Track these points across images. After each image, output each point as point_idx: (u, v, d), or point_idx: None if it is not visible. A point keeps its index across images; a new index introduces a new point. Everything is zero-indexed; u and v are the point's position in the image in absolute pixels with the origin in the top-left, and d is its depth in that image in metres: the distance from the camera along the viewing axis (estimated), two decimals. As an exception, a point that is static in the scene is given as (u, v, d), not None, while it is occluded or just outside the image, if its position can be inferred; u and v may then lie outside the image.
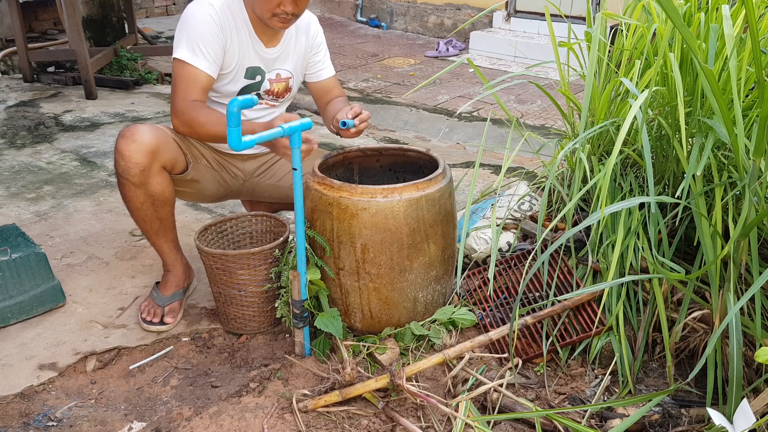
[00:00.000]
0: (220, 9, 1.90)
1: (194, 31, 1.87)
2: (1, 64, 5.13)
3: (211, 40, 1.87)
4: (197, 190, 2.08)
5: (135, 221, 2.00)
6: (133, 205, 1.93)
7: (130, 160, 1.85)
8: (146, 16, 7.42)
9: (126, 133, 1.88)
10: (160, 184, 1.91)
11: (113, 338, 1.99)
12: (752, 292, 1.32)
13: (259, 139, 1.55)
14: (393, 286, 1.82)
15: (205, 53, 1.87)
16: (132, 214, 1.97)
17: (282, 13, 1.86)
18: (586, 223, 1.52)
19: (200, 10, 1.89)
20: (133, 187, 1.88)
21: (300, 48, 2.10)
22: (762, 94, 1.38)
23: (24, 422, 1.68)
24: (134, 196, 1.91)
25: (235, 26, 1.93)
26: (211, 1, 1.91)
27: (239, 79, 2.00)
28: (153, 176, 1.89)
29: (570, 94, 2.10)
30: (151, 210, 1.94)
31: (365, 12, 7.30)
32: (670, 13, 1.34)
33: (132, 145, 1.85)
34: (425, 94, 4.74)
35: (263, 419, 1.65)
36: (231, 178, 2.16)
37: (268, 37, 2.00)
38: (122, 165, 1.86)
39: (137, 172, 1.86)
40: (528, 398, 1.68)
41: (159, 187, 1.91)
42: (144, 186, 1.88)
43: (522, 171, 2.54)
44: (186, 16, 1.90)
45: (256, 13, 1.90)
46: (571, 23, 2.19)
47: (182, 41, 1.88)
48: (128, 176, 1.86)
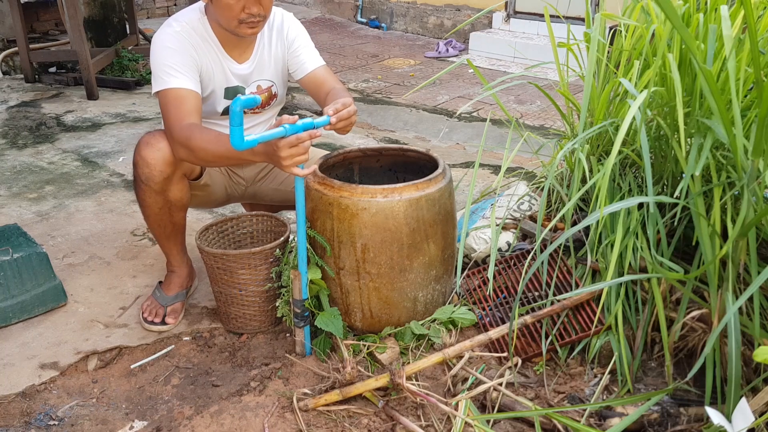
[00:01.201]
0: (185, 31, 1.86)
1: (165, 58, 1.81)
2: (3, 64, 5.14)
3: (185, 59, 1.82)
4: (207, 194, 2.08)
5: (148, 224, 2.01)
6: (151, 210, 1.94)
7: (155, 168, 1.83)
8: (147, 16, 7.43)
9: (150, 140, 1.84)
10: (180, 190, 1.92)
11: (114, 337, 2.00)
12: (751, 292, 1.32)
13: (261, 139, 1.55)
14: (393, 286, 1.83)
15: (183, 72, 1.81)
16: (147, 218, 1.98)
17: (248, 17, 1.79)
18: (585, 222, 1.52)
19: (166, 38, 1.84)
20: (153, 193, 1.88)
21: (276, 51, 2.03)
22: (760, 95, 1.39)
23: (25, 421, 1.68)
24: (154, 202, 1.91)
25: (203, 47, 1.88)
26: (174, 25, 1.86)
27: (219, 100, 1.97)
28: (174, 183, 1.89)
29: (569, 95, 2.11)
30: (167, 215, 1.96)
31: (365, 13, 7.31)
32: (669, 14, 1.35)
33: (157, 153, 1.82)
34: (425, 95, 4.74)
35: (264, 418, 1.66)
36: (234, 185, 2.17)
37: (239, 53, 1.95)
38: (146, 173, 1.84)
39: (161, 179, 1.85)
40: (527, 397, 1.69)
41: (179, 193, 1.92)
42: (164, 193, 1.89)
43: (521, 171, 2.55)
44: (154, 49, 1.85)
45: (222, 25, 1.85)
46: (570, 24, 2.19)
47: (157, 74, 1.82)
48: (151, 183, 1.86)
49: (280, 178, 2.20)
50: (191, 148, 1.74)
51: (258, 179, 2.20)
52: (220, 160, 1.76)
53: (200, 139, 1.73)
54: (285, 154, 1.58)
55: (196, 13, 1.90)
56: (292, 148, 1.58)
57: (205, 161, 1.83)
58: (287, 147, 1.57)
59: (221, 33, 1.90)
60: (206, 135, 1.74)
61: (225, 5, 1.78)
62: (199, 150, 1.74)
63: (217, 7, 1.81)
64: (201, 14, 1.90)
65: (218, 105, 1.98)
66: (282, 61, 2.06)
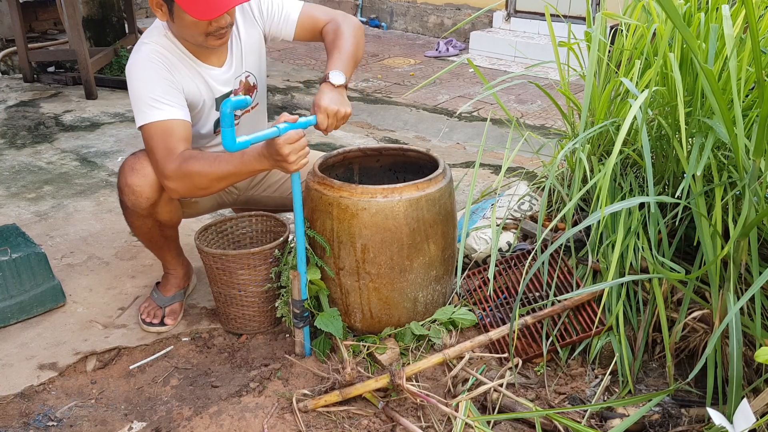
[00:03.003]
0: (157, 54, 1.76)
1: (144, 90, 1.71)
2: (2, 64, 5.13)
3: (165, 86, 1.73)
4: (196, 208, 2.06)
5: (139, 240, 2.01)
6: (140, 231, 1.93)
7: (141, 196, 1.78)
8: (146, 16, 7.42)
9: (135, 165, 1.77)
10: (169, 212, 1.89)
11: (113, 338, 1.99)
12: (752, 292, 1.32)
13: (254, 140, 1.54)
14: (393, 286, 1.82)
15: (166, 101, 1.71)
16: (137, 236, 1.99)
17: (216, 29, 1.71)
18: (586, 223, 1.52)
19: (139, 67, 1.74)
20: (141, 218, 1.86)
21: (252, 39, 1.92)
22: (762, 94, 1.38)
23: (24, 422, 1.68)
24: (142, 224, 1.90)
25: (180, 66, 1.79)
26: (143, 50, 1.76)
27: (211, 113, 1.91)
28: (162, 206, 1.85)
29: (570, 94, 2.10)
30: (157, 233, 1.95)
31: (365, 12, 7.30)
32: (670, 13, 1.34)
33: (143, 180, 1.76)
34: (425, 94, 4.74)
35: (263, 419, 1.65)
36: (226, 194, 2.13)
37: (216, 58, 1.86)
38: (132, 200, 1.79)
39: (147, 206, 1.81)
40: (528, 398, 1.68)
41: (168, 215, 1.89)
42: (153, 216, 1.86)
43: (522, 171, 2.54)
44: (130, 81, 1.75)
45: (188, 40, 1.77)
46: (570, 23, 2.19)
47: (139, 107, 1.72)
48: (138, 210, 1.82)
49: (273, 187, 2.17)
50: (188, 174, 1.66)
51: (250, 188, 2.18)
52: (222, 181, 1.67)
53: (197, 163, 1.65)
54: (287, 151, 1.54)
55: (161, 32, 1.80)
56: (294, 144, 1.55)
57: (204, 188, 1.71)
58: (287, 144, 1.55)
59: (191, 46, 1.81)
60: (203, 157, 1.66)
61: (189, 23, 1.69)
62: (197, 175, 1.65)
63: (180, 26, 1.73)
64: (166, 31, 1.80)
65: (211, 119, 1.92)
66: (259, 45, 1.95)
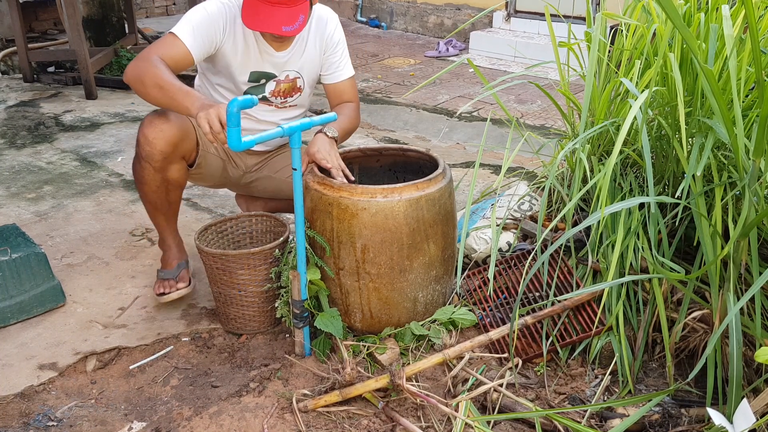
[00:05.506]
0: (230, 8, 1.93)
1: (195, 15, 1.90)
2: (2, 64, 5.13)
3: (207, 30, 1.89)
4: (200, 175, 2.15)
5: (143, 200, 2.07)
6: (149, 188, 2.00)
7: (155, 147, 1.89)
8: (146, 16, 7.42)
9: (154, 120, 1.90)
10: (178, 171, 2.00)
11: (113, 338, 1.99)
12: (752, 292, 1.32)
13: (259, 139, 1.57)
14: (393, 286, 1.82)
15: (195, 35, 1.88)
16: (143, 195, 2.04)
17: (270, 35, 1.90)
18: (586, 223, 1.52)
19: (211, 3, 1.93)
20: (152, 171, 1.95)
21: (313, 51, 2.07)
22: (762, 94, 1.38)
23: (24, 422, 1.68)
24: (152, 180, 1.97)
25: (242, 30, 1.94)
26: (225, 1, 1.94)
27: (243, 80, 2.03)
28: (173, 163, 1.97)
29: (570, 94, 2.10)
30: (164, 193, 2.03)
31: (365, 12, 7.30)
32: (670, 14, 1.34)
33: (160, 133, 1.89)
34: (425, 94, 4.74)
35: (263, 419, 1.65)
36: (233, 168, 2.21)
37: (278, 43, 1.99)
38: (147, 150, 1.90)
39: (160, 158, 1.91)
40: (528, 398, 1.68)
41: (177, 173, 2.00)
42: (163, 171, 1.96)
43: (522, 171, 2.54)
44: (196, 6, 1.94)
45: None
46: (570, 23, 2.19)
47: (182, 20, 1.91)
48: (151, 161, 1.92)
49: (275, 168, 2.23)
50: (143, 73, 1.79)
51: (255, 167, 2.24)
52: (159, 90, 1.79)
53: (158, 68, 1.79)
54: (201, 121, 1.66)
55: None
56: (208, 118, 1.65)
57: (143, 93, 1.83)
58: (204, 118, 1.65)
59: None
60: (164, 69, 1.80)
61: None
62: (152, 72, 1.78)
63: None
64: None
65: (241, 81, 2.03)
66: (318, 58, 2.10)
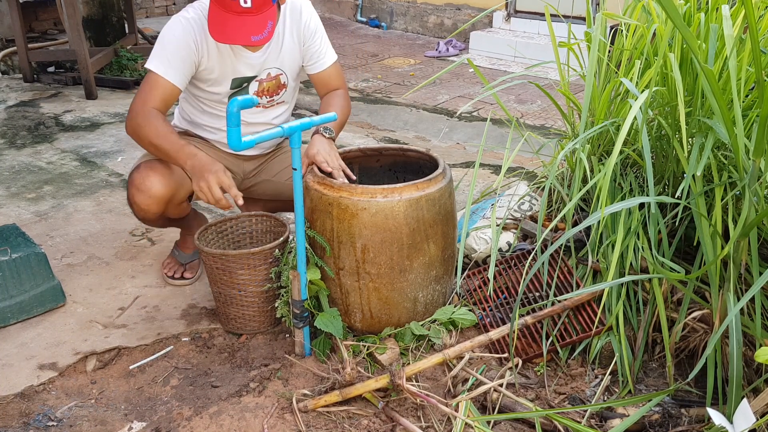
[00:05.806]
0: (195, 22, 1.90)
1: (166, 44, 1.89)
2: (2, 64, 5.13)
3: (181, 53, 1.88)
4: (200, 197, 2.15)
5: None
6: (153, 225, 2.14)
7: (149, 212, 1.97)
8: (146, 16, 7.42)
9: (141, 186, 1.92)
10: (178, 211, 2.08)
11: (113, 338, 1.99)
12: (752, 293, 1.32)
13: (259, 139, 1.57)
14: (393, 286, 1.82)
15: (171, 64, 1.87)
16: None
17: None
18: (586, 223, 1.52)
19: (174, 25, 1.91)
20: (151, 221, 2.06)
21: (291, 42, 2.03)
22: (762, 94, 1.38)
23: (24, 422, 1.68)
24: (154, 223, 2.10)
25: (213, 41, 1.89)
26: (187, 15, 1.91)
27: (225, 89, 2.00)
28: (171, 209, 2.03)
29: (570, 95, 2.10)
30: (168, 222, 2.16)
31: (365, 12, 7.30)
32: (670, 13, 1.34)
33: (149, 199, 1.93)
34: (425, 94, 4.74)
35: (263, 419, 1.65)
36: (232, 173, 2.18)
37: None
38: (141, 215, 1.99)
39: (155, 217, 2.01)
40: (528, 398, 1.68)
41: (176, 211, 2.08)
42: (162, 218, 2.06)
43: (522, 171, 2.54)
44: (164, 29, 1.92)
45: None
46: (570, 23, 2.19)
47: (154, 53, 1.90)
48: (147, 220, 2.03)
49: (274, 171, 2.23)
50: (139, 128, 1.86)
51: (253, 173, 2.24)
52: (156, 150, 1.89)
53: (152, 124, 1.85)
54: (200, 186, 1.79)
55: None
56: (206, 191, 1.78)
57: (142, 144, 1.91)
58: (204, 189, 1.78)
59: None
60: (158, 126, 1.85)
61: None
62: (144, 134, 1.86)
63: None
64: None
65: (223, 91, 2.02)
66: (296, 53, 2.06)
